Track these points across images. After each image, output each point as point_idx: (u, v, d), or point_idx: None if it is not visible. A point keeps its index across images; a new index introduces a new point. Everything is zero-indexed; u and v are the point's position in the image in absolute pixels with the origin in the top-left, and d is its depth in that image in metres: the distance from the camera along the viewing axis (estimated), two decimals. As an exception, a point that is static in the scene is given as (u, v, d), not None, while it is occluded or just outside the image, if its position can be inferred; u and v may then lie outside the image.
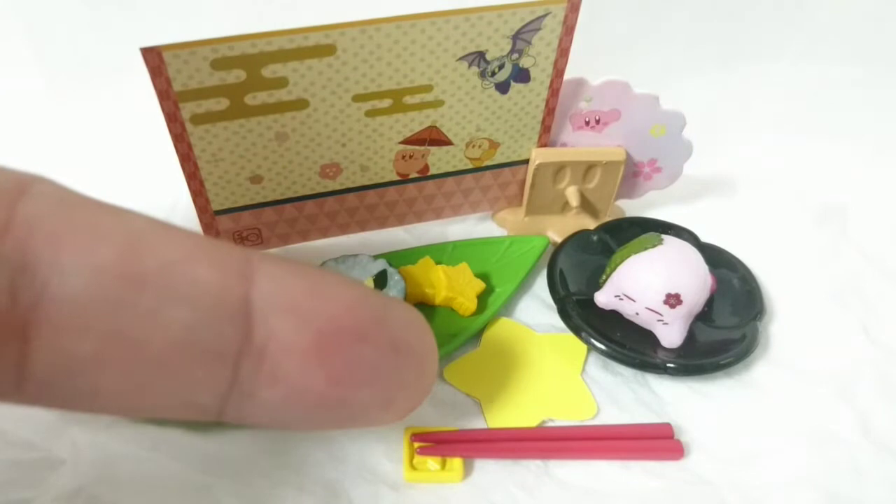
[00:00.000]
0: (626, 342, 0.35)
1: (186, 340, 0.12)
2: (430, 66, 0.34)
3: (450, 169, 0.40)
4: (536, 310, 0.39)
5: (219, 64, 0.31)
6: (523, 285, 0.40)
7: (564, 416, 0.33)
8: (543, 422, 0.33)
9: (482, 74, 0.36)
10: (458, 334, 0.36)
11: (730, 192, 0.47)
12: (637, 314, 0.36)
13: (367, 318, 0.14)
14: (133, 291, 0.12)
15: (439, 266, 0.38)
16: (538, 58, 0.36)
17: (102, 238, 0.12)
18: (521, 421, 0.33)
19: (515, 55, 0.35)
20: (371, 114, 0.35)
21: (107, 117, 0.48)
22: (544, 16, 0.34)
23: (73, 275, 0.11)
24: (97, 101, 0.49)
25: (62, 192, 0.12)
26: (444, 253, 0.40)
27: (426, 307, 0.38)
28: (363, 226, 0.41)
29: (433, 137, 0.38)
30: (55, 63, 0.49)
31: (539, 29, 0.34)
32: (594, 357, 0.36)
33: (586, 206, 0.43)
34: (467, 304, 0.37)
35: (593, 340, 0.35)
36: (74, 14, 0.48)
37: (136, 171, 0.44)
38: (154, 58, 0.30)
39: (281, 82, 0.32)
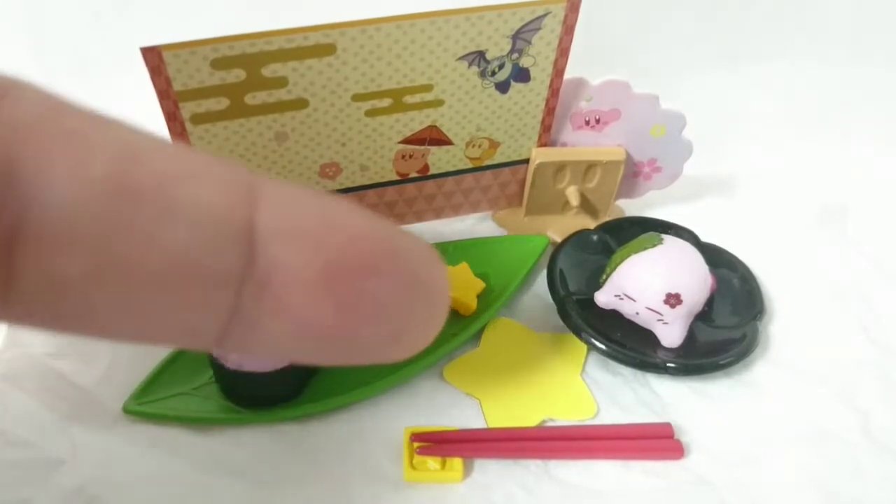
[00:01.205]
0: (626, 342, 0.35)
1: (185, 262, 0.11)
2: (430, 66, 0.34)
3: (450, 168, 0.40)
4: (536, 310, 0.39)
5: (219, 63, 0.31)
6: (523, 285, 0.40)
7: (564, 416, 0.33)
8: (543, 422, 0.33)
9: (482, 74, 0.36)
10: (458, 334, 0.36)
11: (730, 192, 0.47)
12: (637, 314, 0.35)
13: (378, 250, 0.13)
14: (128, 207, 0.11)
15: (439, 266, 0.38)
16: (538, 57, 0.36)
17: (95, 148, 0.11)
18: (521, 421, 0.33)
19: (515, 55, 0.35)
20: (371, 113, 0.35)
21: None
22: (544, 15, 0.34)
23: (62, 186, 0.10)
24: (97, 101, 0.48)
25: (49, 98, 0.11)
26: (444, 253, 0.40)
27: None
28: (363, 226, 0.41)
29: (433, 137, 0.38)
30: (55, 63, 0.49)
31: (539, 29, 0.34)
32: (594, 357, 0.36)
33: (586, 205, 0.43)
34: (467, 304, 0.37)
35: (593, 340, 0.35)
36: (74, 14, 0.48)
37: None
38: (154, 57, 0.30)
39: (281, 82, 0.32)
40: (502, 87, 0.37)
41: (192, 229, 0.11)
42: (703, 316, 0.37)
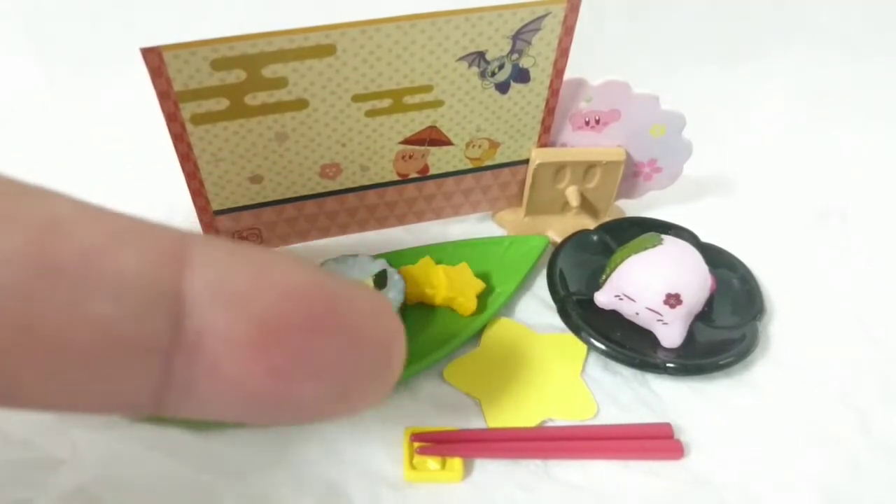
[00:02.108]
0: (626, 342, 0.35)
1: (110, 335, 0.11)
2: (430, 66, 0.34)
3: (450, 169, 0.40)
4: (536, 310, 0.39)
5: (219, 64, 0.31)
6: (523, 285, 0.40)
7: (564, 416, 0.33)
8: (543, 422, 0.33)
9: (482, 74, 0.36)
10: (458, 334, 0.36)
11: (730, 192, 0.47)
12: (637, 314, 0.36)
13: (315, 307, 0.13)
14: (47, 283, 0.11)
15: (439, 266, 0.38)
16: (538, 58, 0.36)
17: (12, 223, 0.11)
18: (521, 421, 0.33)
19: (515, 55, 0.35)
20: (371, 114, 0.35)
21: (107, 117, 0.48)
22: (544, 16, 0.34)
23: None
24: (97, 101, 0.49)
25: None
26: (444, 253, 0.40)
27: (426, 307, 0.38)
28: (363, 226, 0.41)
29: (433, 137, 0.38)
30: (55, 63, 0.49)
31: (539, 29, 0.34)
32: (594, 357, 0.36)
33: (586, 206, 0.43)
34: (467, 304, 0.37)
35: (593, 340, 0.35)
36: (74, 14, 0.48)
37: (135, 170, 0.44)
38: (154, 58, 0.30)
39: (281, 82, 0.32)
40: (502, 88, 0.37)
41: (116, 300, 0.11)
42: (703, 316, 0.37)
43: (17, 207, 0.11)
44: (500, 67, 0.35)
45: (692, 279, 0.35)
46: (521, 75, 0.36)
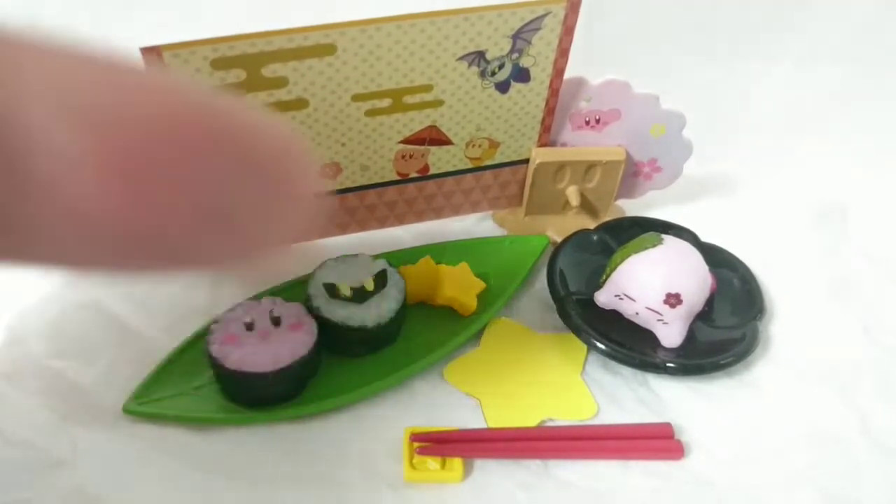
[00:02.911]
0: (626, 342, 0.35)
1: None
2: (430, 66, 0.34)
3: (450, 168, 0.40)
4: (536, 310, 0.39)
5: (219, 64, 0.31)
6: (523, 285, 0.40)
7: (564, 416, 0.33)
8: (543, 421, 0.33)
9: (482, 74, 0.36)
10: (458, 334, 0.36)
11: (730, 192, 0.47)
12: (637, 314, 0.35)
13: (195, 125, 0.10)
14: None
15: (439, 266, 0.38)
16: (538, 57, 0.36)
17: None
18: (521, 421, 0.33)
19: (515, 55, 0.35)
20: (371, 113, 0.35)
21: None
22: (544, 15, 0.34)
23: None
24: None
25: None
26: (444, 253, 0.40)
27: (426, 307, 0.38)
28: (363, 225, 0.41)
29: (433, 137, 0.38)
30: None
31: (539, 29, 0.34)
32: (594, 357, 0.36)
33: (586, 205, 0.43)
34: (467, 304, 0.37)
35: (593, 340, 0.35)
36: (74, 14, 0.48)
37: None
38: (154, 58, 0.30)
39: (281, 82, 0.32)
40: (502, 87, 0.37)
41: None
42: (703, 316, 0.37)
43: None
44: (501, 67, 0.35)
45: (692, 279, 0.35)
46: (522, 75, 0.36)
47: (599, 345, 0.35)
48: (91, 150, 0.09)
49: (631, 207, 0.45)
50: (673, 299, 0.34)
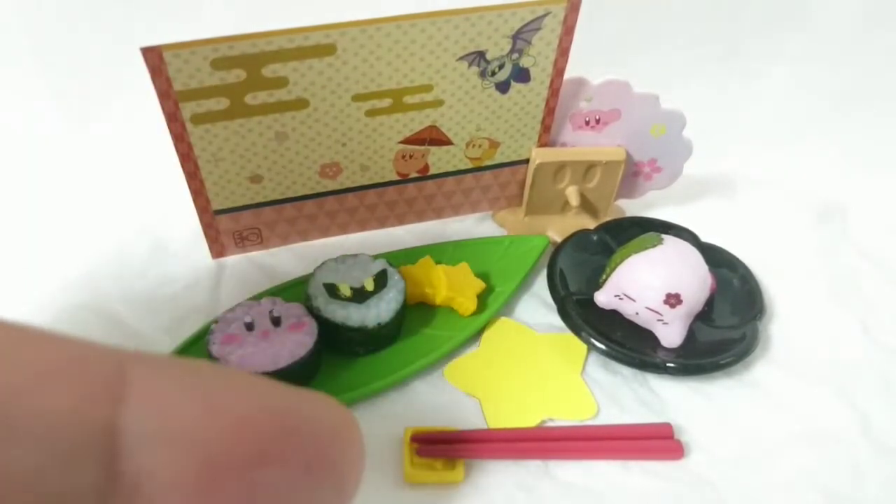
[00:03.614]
0: (626, 342, 0.35)
1: (30, 484, 0.10)
2: (430, 66, 0.34)
3: (450, 168, 0.40)
4: (536, 310, 0.39)
5: (219, 64, 0.31)
6: (523, 285, 0.40)
7: (564, 416, 0.33)
8: (543, 422, 0.33)
9: (482, 74, 0.36)
10: (458, 334, 0.36)
11: (730, 192, 0.47)
12: (637, 314, 0.35)
13: (271, 433, 0.11)
14: None
15: (439, 266, 0.38)
16: (538, 57, 0.36)
17: None
18: (521, 421, 0.33)
19: (515, 55, 0.35)
20: (371, 113, 0.35)
21: (107, 117, 0.48)
22: (544, 16, 0.34)
23: None
24: (97, 101, 0.48)
25: None
26: (444, 253, 0.40)
27: (426, 307, 0.38)
28: (363, 225, 0.41)
29: (433, 137, 0.38)
30: (55, 63, 0.49)
31: (539, 29, 0.34)
32: (594, 357, 0.36)
33: (586, 205, 0.43)
34: (467, 304, 0.37)
35: (593, 340, 0.35)
36: (75, 14, 0.48)
37: (136, 170, 0.44)
38: (154, 58, 0.30)
39: (281, 82, 0.32)
40: (502, 87, 0.37)
41: (37, 446, 0.10)
42: (703, 316, 0.37)
43: None
44: (501, 67, 0.35)
45: (692, 279, 0.35)
46: (522, 75, 0.36)
47: (599, 345, 0.35)
48: (185, 472, 0.10)
49: (631, 207, 0.45)
50: (673, 299, 0.34)
